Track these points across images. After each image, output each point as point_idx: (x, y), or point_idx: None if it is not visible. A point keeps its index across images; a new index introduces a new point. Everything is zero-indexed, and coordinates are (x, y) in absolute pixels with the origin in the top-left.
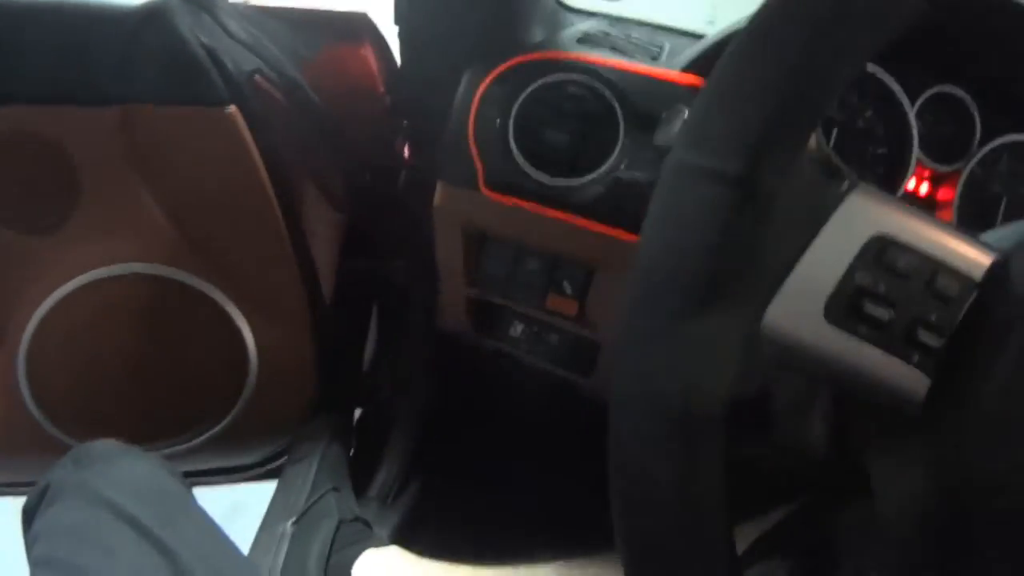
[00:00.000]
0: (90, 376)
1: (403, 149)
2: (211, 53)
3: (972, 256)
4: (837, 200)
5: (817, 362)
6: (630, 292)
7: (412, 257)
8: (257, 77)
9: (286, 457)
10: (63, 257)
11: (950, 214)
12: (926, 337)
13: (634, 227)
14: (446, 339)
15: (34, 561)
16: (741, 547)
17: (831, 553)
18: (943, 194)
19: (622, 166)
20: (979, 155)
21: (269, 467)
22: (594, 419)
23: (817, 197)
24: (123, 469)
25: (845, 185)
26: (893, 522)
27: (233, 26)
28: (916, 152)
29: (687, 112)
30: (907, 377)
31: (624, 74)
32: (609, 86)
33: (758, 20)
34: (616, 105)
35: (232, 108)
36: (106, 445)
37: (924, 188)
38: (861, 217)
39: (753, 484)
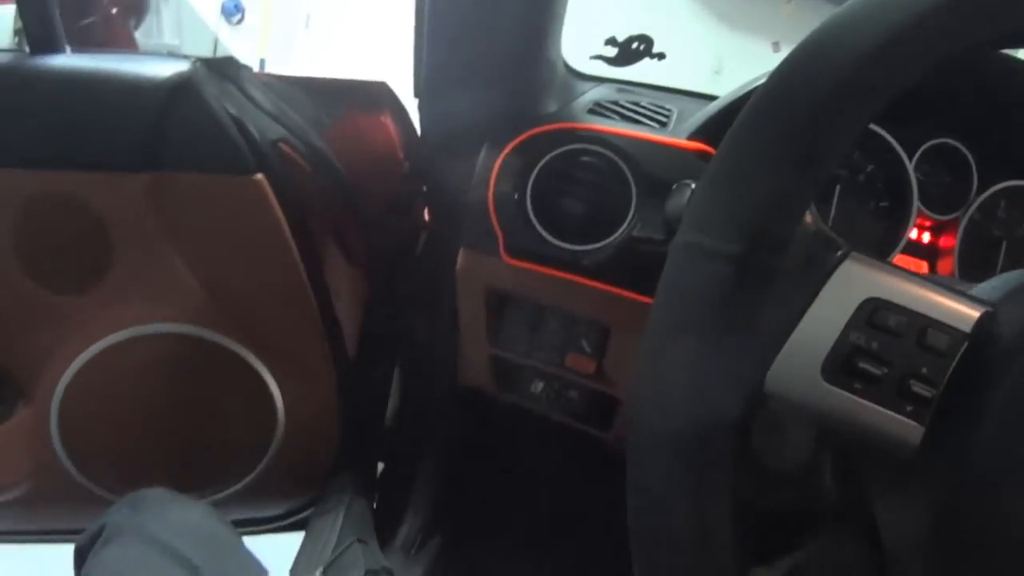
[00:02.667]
0: (121, 431)
1: (422, 213)
2: (238, 123)
3: (960, 311)
4: (831, 268)
5: (816, 418)
6: (641, 364)
7: (432, 316)
8: (282, 145)
9: (312, 509)
10: (96, 316)
11: (952, 261)
12: (919, 388)
13: (647, 289)
14: (468, 394)
15: None
16: None
17: None
18: (944, 242)
19: (635, 231)
20: (977, 202)
21: (295, 519)
22: (615, 471)
23: (813, 267)
24: (177, 514)
25: (839, 254)
26: (899, 565)
27: (258, 96)
28: (916, 203)
29: (692, 189)
30: (901, 426)
31: (634, 142)
32: (620, 154)
33: (751, 106)
34: (628, 173)
35: (259, 176)
36: (159, 492)
37: (926, 237)
38: (853, 283)
39: (768, 528)
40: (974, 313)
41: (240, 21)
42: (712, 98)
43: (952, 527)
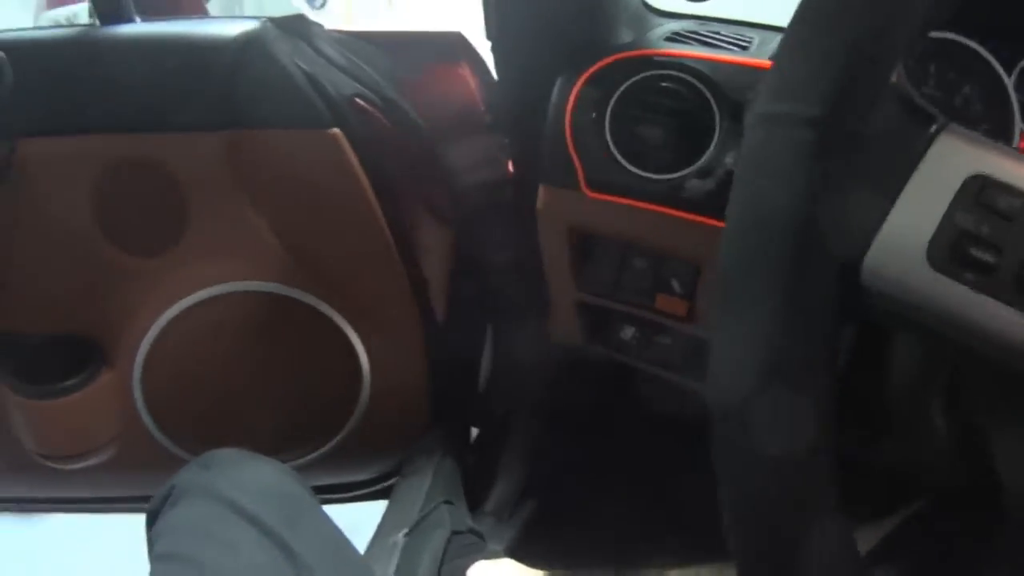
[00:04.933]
0: (204, 392)
1: (507, 164)
2: (310, 78)
3: None
4: (927, 142)
5: (923, 311)
6: (724, 255)
7: (523, 271)
8: (357, 99)
9: (398, 476)
10: (175, 277)
11: None
12: None
13: None
14: (562, 356)
15: (156, 557)
16: (862, 551)
17: (952, 556)
18: None
19: (726, 159)
20: None
21: (383, 485)
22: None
23: (906, 139)
24: (248, 473)
25: (934, 127)
26: (1019, 505)
27: (330, 52)
28: (1020, 125)
29: None
30: (1022, 328)
31: (716, 65)
32: (701, 79)
33: None
34: (710, 97)
35: (335, 130)
36: (232, 451)
37: None
38: (955, 157)
39: (873, 487)
40: None
41: (323, 5)
42: None
43: None
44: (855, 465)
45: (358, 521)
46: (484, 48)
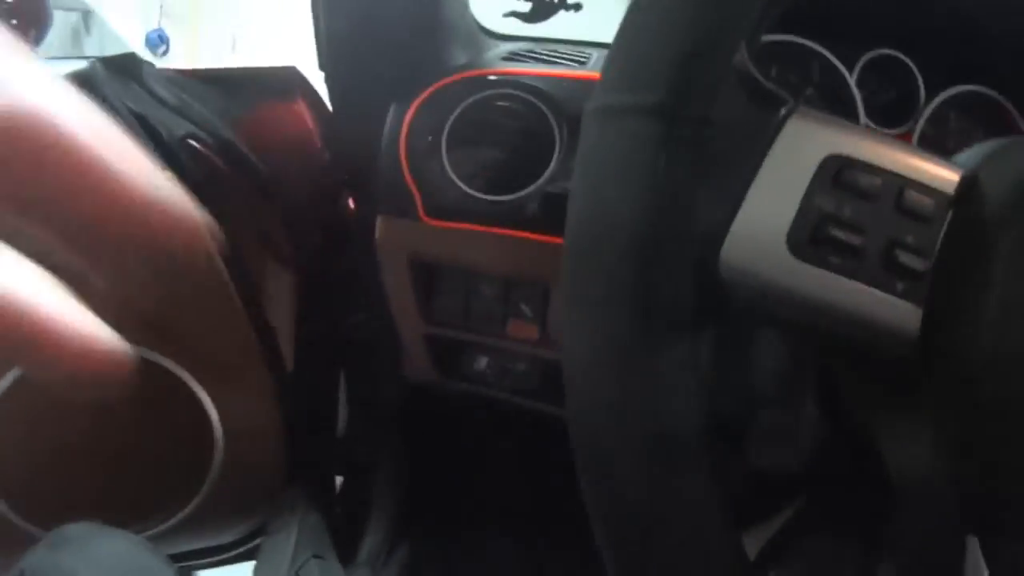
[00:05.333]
0: (49, 461)
1: (348, 199)
2: (140, 119)
3: (939, 172)
4: (779, 124)
5: (787, 302)
6: (566, 266)
7: (371, 310)
8: (190, 141)
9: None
10: None
11: None
12: (907, 259)
13: None
14: (420, 393)
15: None
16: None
17: (845, 545)
18: None
19: (565, 175)
20: (926, 113)
21: (248, 546)
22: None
23: (755, 125)
24: (100, 549)
25: (784, 111)
26: (912, 505)
27: (161, 92)
28: (863, 120)
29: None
30: (895, 310)
31: (553, 81)
32: (538, 95)
33: None
34: (548, 113)
35: (167, 174)
36: (82, 526)
37: None
38: (810, 138)
39: (754, 489)
40: (954, 176)
41: (166, 52)
42: None
43: (971, 436)
44: (727, 470)
45: None
46: (321, 83)
